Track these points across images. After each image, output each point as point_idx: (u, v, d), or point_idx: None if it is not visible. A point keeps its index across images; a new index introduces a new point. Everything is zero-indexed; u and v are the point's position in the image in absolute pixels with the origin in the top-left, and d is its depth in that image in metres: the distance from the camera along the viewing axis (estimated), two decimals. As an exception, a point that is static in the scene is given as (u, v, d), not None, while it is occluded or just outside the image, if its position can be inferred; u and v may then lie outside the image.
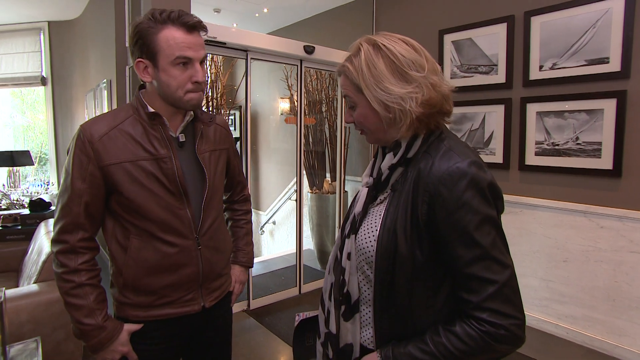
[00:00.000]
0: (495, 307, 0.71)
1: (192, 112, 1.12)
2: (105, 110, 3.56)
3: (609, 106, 2.35)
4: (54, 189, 4.84)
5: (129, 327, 1.07)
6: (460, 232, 0.73)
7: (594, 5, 2.36)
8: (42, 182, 4.93)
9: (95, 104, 3.88)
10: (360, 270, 0.84)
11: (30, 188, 4.68)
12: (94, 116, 1.08)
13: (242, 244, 1.39)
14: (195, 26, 1.00)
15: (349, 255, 0.85)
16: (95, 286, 1.05)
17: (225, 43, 2.68)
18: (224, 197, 1.41)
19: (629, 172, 2.33)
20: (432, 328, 0.77)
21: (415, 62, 0.79)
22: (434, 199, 0.75)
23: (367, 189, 0.87)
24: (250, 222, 1.44)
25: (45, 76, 4.82)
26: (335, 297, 0.87)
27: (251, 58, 2.92)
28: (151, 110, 1.04)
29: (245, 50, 2.87)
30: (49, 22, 4.76)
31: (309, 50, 3.12)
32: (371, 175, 0.89)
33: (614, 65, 2.32)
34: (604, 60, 2.36)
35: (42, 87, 4.87)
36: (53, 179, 4.93)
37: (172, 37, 0.98)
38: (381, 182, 0.85)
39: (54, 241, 1.04)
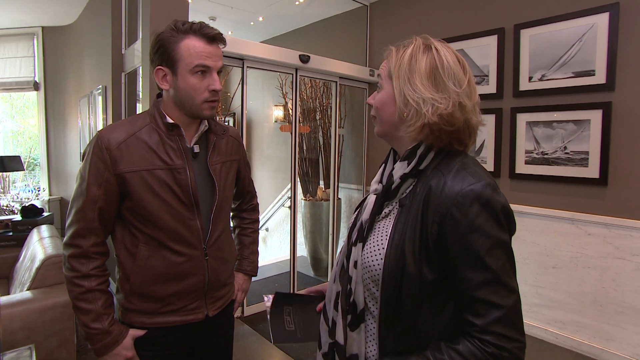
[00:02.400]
0: (500, 331, 0.71)
1: (206, 123, 1.15)
2: (100, 116, 3.56)
3: (595, 117, 2.43)
4: (45, 195, 4.79)
5: (133, 333, 1.09)
6: (471, 255, 0.72)
7: (580, 20, 2.46)
8: (33, 187, 4.88)
9: (89, 110, 3.87)
10: (366, 287, 0.83)
11: (20, 194, 4.63)
12: (111, 123, 1.11)
13: (247, 252, 1.41)
14: (215, 37, 1.04)
15: (355, 263, 0.83)
16: (104, 292, 1.07)
17: (222, 51, 2.71)
18: (233, 206, 1.43)
19: (614, 180, 2.41)
20: (433, 345, 0.76)
21: (456, 75, 0.78)
22: (445, 220, 0.73)
23: (375, 196, 0.85)
24: (257, 231, 1.46)
25: (38, 81, 4.79)
26: (342, 306, 0.86)
27: (247, 66, 2.96)
28: (170, 120, 1.07)
29: (241, 58, 2.91)
30: (43, 28, 4.75)
31: (304, 59, 3.16)
32: (380, 182, 0.88)
33: (600, 78, 2.41)
34: (590, 73, 2.44)
35: (35, 92, 4.84)
36: (44, 184, 4.88)
37: (192, 46, 1.01)
38: (391, 191, 0.83)
39: (67, 245, 1.05)
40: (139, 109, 3.37)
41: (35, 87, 4.79)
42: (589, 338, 2.53)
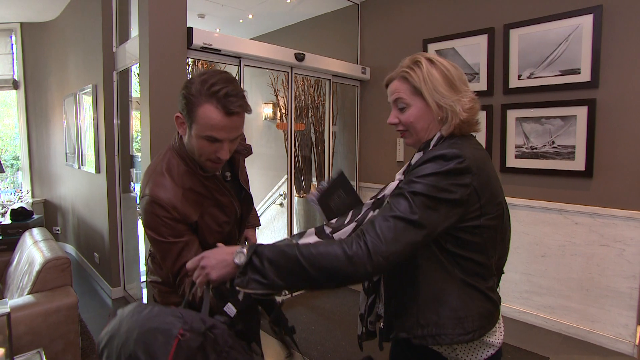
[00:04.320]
0: (373, 229, 0.85)
1: None
2: (90, 115, 3.48)
3: (581, 113, 2.58)
4: (28, 197, 4.65)
5: None
6: (406, 186, 0.89)
7: (566, 20, 2.59)
8: (14, 189, 4.72)
9: (76, 110, 3.78)
10: None
11: (2, 196, 4.47)
12: (154, 185, 1.09)
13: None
14: (234, 113, 1.03)
15: None
16: None
17: (220, 50, 2.71)
18: None
19: (599, 172, 2.57)
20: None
21: (460, 77, 1.00)
22: (408, 171, 0.94)
23: (398, 182, 1.04)
24: None
25: (17, 79, 4.62)
26: None
27: (244, 65, 2.96)
28: (206, 174, 1.14)
29: (238, 57, 2.91)
30: (22, 24, 4.57)
31: (300, 57, 3.19)
32: (403, 172, 1.07)
33: (585, 76, 2.55)
34: (575, 71, 2.58)
35: (14, 91, 4.66)
36: (27, 186, 4.72)
37: (209, 116, 1.01)
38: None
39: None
40: (131, 108, 3.32)
41: (15, 85, 4.62)
42: (576, 321, 2.69)
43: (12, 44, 4.63)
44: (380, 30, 3.75)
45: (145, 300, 3.05)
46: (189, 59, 3.02)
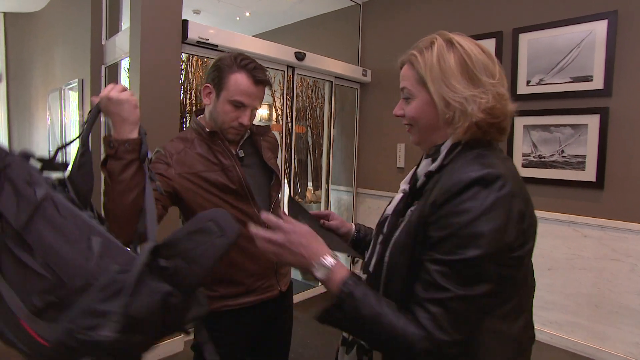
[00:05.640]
0: (436, 312, 0.66)
1: (249, 129, 1.32)
2: (75, 112, 3.30)
3: (592, 122, 2.48)
4: (7, 197, 4.41)
5: None
6: (447, 232, 0.68)
7: (579, 26, 2.50)
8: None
9: (61, 105, 3.58)
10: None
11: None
12: (167, 143, 1.25)
13: None
14: (261, 82, 1.20)
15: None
16: None
17: (217, 46, 2.56)
18: None
19: (610, 184, 2.47)
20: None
21: (486, 67, 0.76)
22: (435, 206, 0.70)
23: (402, 195, 0.86)
24: None
25: (-1, 72, 4.41)
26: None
27: (242, 62, 2.82)
28: (208, 130, 1.24)
29: (235, 54, 2.76)
30: (5, 14, 4.36)
31: (300, 57, 3.06)
32: (409, 182, 0.87)
33: (597, 83, 2.46)
34: (588, 78, 2.49)
35: (-5, 84, 4.44)
36: (6, 185, 4.48)
37: (240, 82, 1.17)
38: (417, 189, 0.80)
39: None
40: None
41: (-4, 78, 4.40)
42: (585, 338, 2.58)
43: (-6, 35, 4.41)
44: (382, 32, 3.63)
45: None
46: (183, 55, 2.87)
